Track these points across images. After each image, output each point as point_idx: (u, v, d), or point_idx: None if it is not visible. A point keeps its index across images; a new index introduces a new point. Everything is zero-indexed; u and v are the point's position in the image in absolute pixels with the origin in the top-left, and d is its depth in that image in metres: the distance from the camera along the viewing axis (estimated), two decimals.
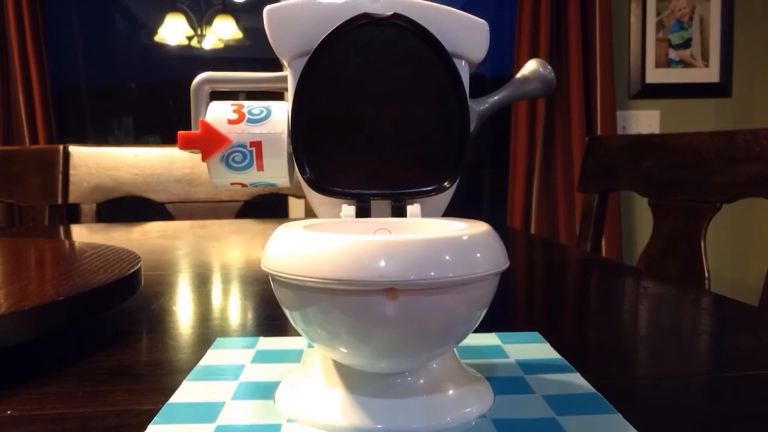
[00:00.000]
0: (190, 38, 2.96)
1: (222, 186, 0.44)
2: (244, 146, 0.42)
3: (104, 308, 0.51)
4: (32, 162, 1.46)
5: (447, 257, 0.30)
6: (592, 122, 2.12)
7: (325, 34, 0.40)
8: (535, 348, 0.46)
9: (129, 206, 1.53)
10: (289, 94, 0.42)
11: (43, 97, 2.05)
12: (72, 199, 1.46)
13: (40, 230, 1.30)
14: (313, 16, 0.41)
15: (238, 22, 3.03)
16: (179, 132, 0.42)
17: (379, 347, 0.32)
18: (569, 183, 2.12)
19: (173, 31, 2.85)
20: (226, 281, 0.75)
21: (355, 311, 0.30)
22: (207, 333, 0.53)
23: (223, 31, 3.00)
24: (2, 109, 2.04)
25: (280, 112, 0.43)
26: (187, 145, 0.42)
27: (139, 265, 0.57)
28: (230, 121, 0.42)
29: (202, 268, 0.85)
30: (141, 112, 2.92)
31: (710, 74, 2.23)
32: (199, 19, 3.00)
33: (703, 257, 1.13)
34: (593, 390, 0.38)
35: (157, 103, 2.98)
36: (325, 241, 0.31)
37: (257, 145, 0.42)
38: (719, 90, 2.24)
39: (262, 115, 0.43)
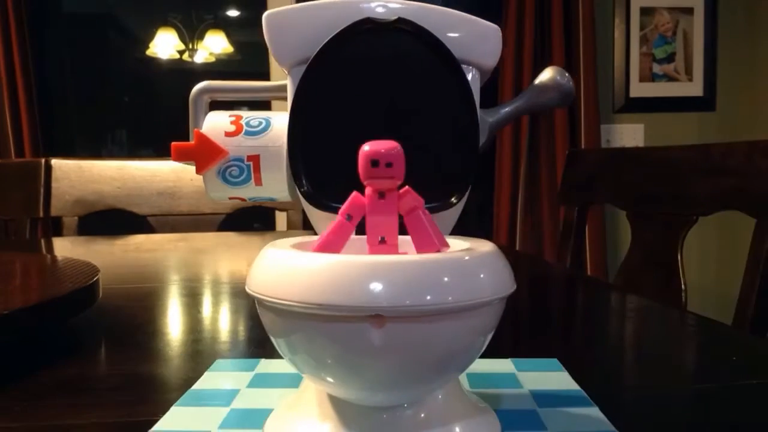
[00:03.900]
0: (181, 52, 2.97)
1: (220, 200, 0.42)
2: (241, 160, 0.40)
3: (54, 322, 0.51)
4: (14, 175, 1.47)
5: (445, 279, 0.28)
6: (576, 136, 2.13)
7: (326, 40, 0.37)
8: (552, 377, 0.43)
9: (111, 219, 1.53)
10: (288, 104, 0.40)
11: (29, 111, 2.06)
12: (54, 212, 1.46)
13: (19, 244, 1.30)
14: (313, 21, 0.38)
15: (229, 36, 3.04)
16: (173, 143, 0.40)
17: (369, 378, 0.29)
18: (554, 197, 2.12)
19: (165, 45, 2.88)
20: (193, 295, 0.76)
21: (340, 339, 0.28)
22: (158, 348, 0.53)
23: (214, 45, 3.02)
24: None
25: (281, 124, 0.41)
26: (180, 157, 0.40)
27: (95, 279, 0.58)
28: (227, 133, 0.40)
29: (172, 281, 0.85)
30: (134, 125, 2.92)
31: (694, 88, 2.25)
32: (191, 33, 3.01)
33: (680, 270, 1.13)
34: (612, 428, 0.35)
35: (149, 116, 2.99)
36: (308, 262, 0.29)
37: (255, 158, 0.40)
38: (703, 104, 2.26)
39: (261, 127, 0.41)
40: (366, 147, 0.30)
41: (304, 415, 0.34)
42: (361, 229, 0.36)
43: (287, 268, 0.29)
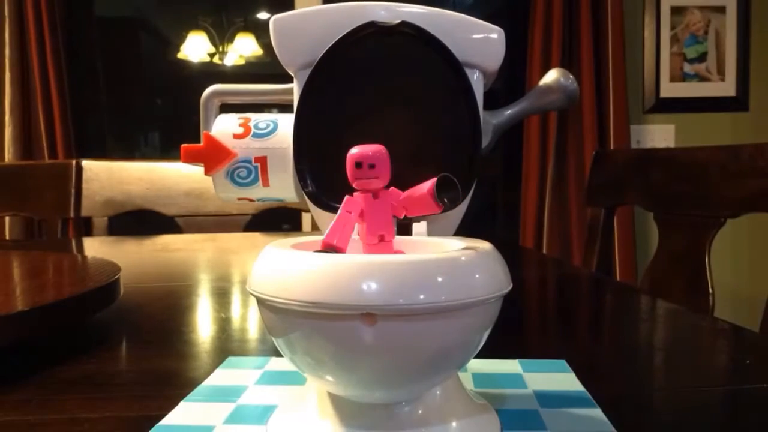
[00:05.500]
0: (212, 55, 3.01)
1: (228, 201, 0.43)
2: (249, 161, 0.41)
3: (75, 319, 0.52)
4: (46, 176, 1.50)
5: (439, 279, 0.28)
6: (605, 137, 2.10)
7: (330, 44, 0.38)
8: (558, 378, 0.43)
9: (140, 220, 1.56)
10: (294, 106, 0.40)
11: (62, 113, 2.10)
12: (84, 212, 1.49)
13: (50, 244, 1.33)
14: (320, 25, 0.39)
15: (258, 39, 3.07)
16: (182, 145, 0.41)
17: (365, 376, 0.30)
18: (582, 199, 2.10)
19: (195, 48, 2.91)
20: (214, 294, 0.76)
21: (334, 337, 0.29)
22: (175, 345, 0.54)
23: (244, 48, 3.05)
24: (21, 124, 2.09)
25: (287, 126, 0.41)
26: (189, 159, 0.41)
27: (114, 278, 0.59)
28: (235, 136, 0.41)
29: (195, 281, 0.86)
30: (166, 127, 2.96)
31: (726, 88, 2.21)
32: (221, 36, 3.05)
33: (708, 273, 1.11)
34: (612, 429, 0.35)
35: (181, 118, 3.02)
36: (304, 262, 0.29)
37: (262, 160, 0.41)
38: (736, 104, 2.21)
39: (268, 130, 0.41)
40: (353, 150, 0.31)
41: (306, 412, 0.35)
42: None
43: (284, 267, 0.30)
